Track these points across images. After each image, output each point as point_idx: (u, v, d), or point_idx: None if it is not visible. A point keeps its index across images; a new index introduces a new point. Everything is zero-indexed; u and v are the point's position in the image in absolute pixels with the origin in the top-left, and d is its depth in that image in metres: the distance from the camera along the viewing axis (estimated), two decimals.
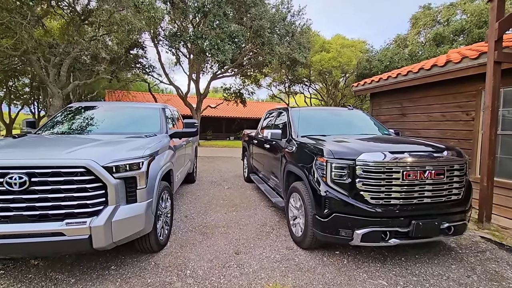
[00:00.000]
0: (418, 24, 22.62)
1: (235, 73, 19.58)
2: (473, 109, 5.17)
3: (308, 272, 2.80)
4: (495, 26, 3.83)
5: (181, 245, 3.31)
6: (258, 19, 13.79)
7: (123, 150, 2.63)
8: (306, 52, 17.07)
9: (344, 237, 2.75)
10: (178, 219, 4.22)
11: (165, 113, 4.41)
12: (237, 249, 3.25)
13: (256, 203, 5.22)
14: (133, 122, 4.12)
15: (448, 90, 5.62)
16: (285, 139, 4.12)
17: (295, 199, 3.48)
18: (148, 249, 2.93)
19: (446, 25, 19.83)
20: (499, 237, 3.76)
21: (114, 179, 2.34)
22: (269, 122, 5.61)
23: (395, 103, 7.10)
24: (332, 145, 3.02)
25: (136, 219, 2.46)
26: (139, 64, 17.69)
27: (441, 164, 2.80)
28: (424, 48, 19.25)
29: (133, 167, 2.51)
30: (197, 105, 18.58)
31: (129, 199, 2.47)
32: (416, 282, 2.66)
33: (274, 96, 29.04)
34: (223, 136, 27.82)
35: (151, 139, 3.29)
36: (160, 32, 15.94)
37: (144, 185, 2.58)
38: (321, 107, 6.02)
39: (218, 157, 12.43)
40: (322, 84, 25.78)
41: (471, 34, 16.76)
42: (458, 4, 20.23)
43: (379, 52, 20.28)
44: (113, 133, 3.54)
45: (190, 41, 13.60)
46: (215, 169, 9.20)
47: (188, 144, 5.66)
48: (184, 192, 5.85)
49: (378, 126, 4.66)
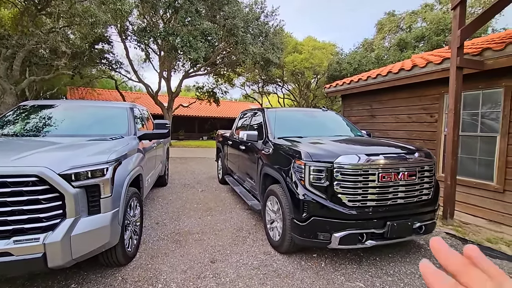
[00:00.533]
0: (383, 29, 23.86)
1: (208, 71, 19.18)
2: (437, 112, 5.47)
3: (287, 278, 2.73)
4: (457, 33, 4.06)
5: (151, 256, 3.09)
6: (232, 18, 13.60)
7: (84, 155, 2.37)
8: (279, 53, 17.19)
9: (322, 241, 2.72)
10: (149, 226, 3.96)
11: (133, 113, 4.11)
12: (212, 257, 3.10)
13: (232, 206, 5.09)
14: (97, 123, 3.77)
15: (414, 93, 5.91)
16: (261, 141, 4.04)
17: (272, 203, 3.40)
18: (115, 262, 2.68)
19: (409, 32, 21.12)
20: (461, 233, 3.99)
21: (73, 188, 2.08)
22: (244, 123, 5.50)
23: (365, 105, 7.35)
24: (310, 148, 2.98)
25: (100, 231, 2.22)
26: (105, 60, 16.63)
27: (413, 166, 2.88)
28: (389, 53, 20.31)
29: (96, 174, 2.26)
30: (169, 104, 17.92)
31: (92, 210, 2.22)
32: (392, 283, 2.70)
33: (247, 95, 28.97)
34: (196, 136, 27.18)
35: (117, 142, 3.02)
36: (128, 27, 15.12)
37: (109, 193, 2.34)
38: (296, 108, 6.03)
39: (191, 158, 12.07)
40: (295, 84, 26.20)
41: (431, 41, 18.01)
42: (419, 12, 21.65)
43: (348, 55, 21.05)
44: (74, 136, 3.21)
45: (160, 38, 13.05)
46: (188, 170, 8.89)
47: (159, 146, 5.37)
48: (155, 196, 5.54)
49: (351, 127, 4.75)
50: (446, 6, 20.95)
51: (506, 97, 4.26)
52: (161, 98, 19.11)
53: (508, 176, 4.25)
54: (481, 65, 4.21)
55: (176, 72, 18.82)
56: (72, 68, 14.06)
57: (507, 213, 4.28)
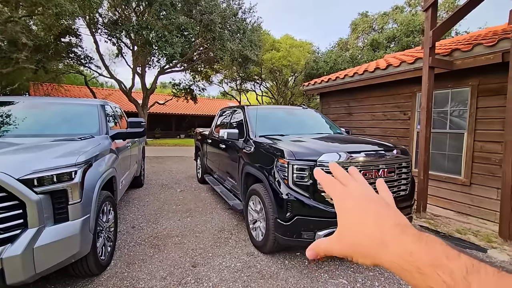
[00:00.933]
0: (357, 29, 24.60)
1: (184, 68, 18.69)
2: (409, 109, 5.70)
3: (271, 279, 2.69)
4: (429, 34, 4.22)
5: (128, 263, 2.90)
6: (209, 13, 13.31)
7: (49, 157, 2.15)
8: (257, 50, 17.13)
9: (306, 240, 2.70)
10: (124, 231, 3.74)
11: (104, 111, 3.84)
12: (194, 261, 2.98)
13: (212, 206, 4.96)
14: (64, 121, 3.48)
15: (388, 91, 6.11)
16: (242, 139, 3.95)
17: (255, 202, 3.34)
18: (86, 273, 2.47)
19: (381, 32, 21.95)
20: (434, 225, 4.19)
21: (36, 195, 1.88)
22: (224, 121, 5.38)
23: (342, 103, 7.50)
24: (293, 146, 2.94)
25: (69, 241, 2.02)
26: (73, 54, 15.61)
27: (392, 162, 2.95)
28: (363, 52, 21.01)
29: (63, 177, 2.05)
30: (143, 101, 17.23)
31: (58, 218, 2.02)
32: (373, 277, 2.75)
33: (225, 93, 28.66)
34: (173, 134, 26.45)
35: (87, 142, 2.79)
36: (98, 19, 14.28)
37: (78, 198, 2.14)
38: (277, 106, 6.00)
39: (168, 157, 11.70)
40: (273, 82, 26.33)
41: (401, 42, 18.84)
42: (390, 14, 22.55)
43: (325, 54, 21.48)
44: (37, 136, 2.92)
45: (133, 31, 12.48)
46: (165, 170, 8.59)
47: (134, 145, 5.10)
48: (130, 199, 5.27)
49: (330, 125, 4.80)
50: (414, 9, 22.02)
51: (472, 96, 4.51)
52: (135, 95, 18.36)
53: (474, 170, 4.51)
54: (451, 65, 4.42)
55: (151, 68, 18.13)
56: (35, 61, 13.02)
57: (474, 205, 4.55)
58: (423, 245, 0.31)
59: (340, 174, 0.46)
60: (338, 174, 0.47)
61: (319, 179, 0.47)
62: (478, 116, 4.42)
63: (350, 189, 0.43)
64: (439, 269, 0.28)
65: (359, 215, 0.38)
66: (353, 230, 0.38)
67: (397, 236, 0.34)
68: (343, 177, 0.46)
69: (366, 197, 0.41)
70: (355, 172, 0.48)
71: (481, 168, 4.42)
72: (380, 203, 0.40)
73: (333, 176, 0.47)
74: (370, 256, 0.35)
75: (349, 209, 0.40)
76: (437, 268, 0.28)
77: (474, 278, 0.26)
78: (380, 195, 0.43)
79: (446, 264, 0.28)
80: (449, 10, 18.39)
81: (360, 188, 0.43)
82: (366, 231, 0.36)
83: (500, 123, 4.13)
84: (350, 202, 0.41)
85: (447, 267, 0.28)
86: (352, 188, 0.43)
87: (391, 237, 0.34)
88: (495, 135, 4.21)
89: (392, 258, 0.33)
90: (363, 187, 0.44)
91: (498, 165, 4.18)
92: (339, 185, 0.44)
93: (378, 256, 0.34)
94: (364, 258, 0.36)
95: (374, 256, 0.35)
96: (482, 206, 4.42)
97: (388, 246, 0.34)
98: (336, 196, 0.43)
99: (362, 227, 0.37)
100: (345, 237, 0.39)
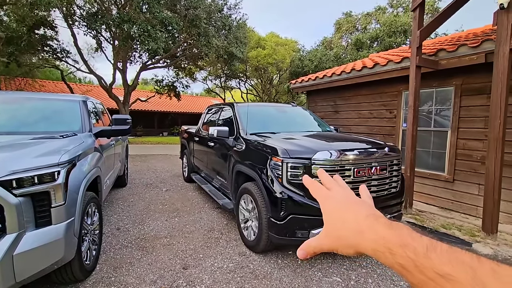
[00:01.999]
0: (341, 29, 24.95)
1: (167, 64, 18.21)
2: (395, 108, 5.83)
3: (265, 279, 2.64)
4: (417, 34, 4.31)
5: (114, 267, 2.76)
6: (193, 8, 13.01)
7: (29, 157, 1.98)
8: (243, 47, 16.98)
9: (300, 238, 2.68)
10: (109, 233, 3.57)
11: (86, 107, 3.63)
12: (184, 263, 2.88)
13: (200, 205, 4.85)
14: (43, 118, 3.25)
15: (375, 90, 6.22)
16: (232, 137, 3.87)
17: (247, 201, 3.28)
18: (70, 279, 2.32)
19: (364, 32, 22.40)
20: (420, 221, 4.31)
21: (15, 198, 1.72)
22: (211, 118, 5.26)
23: (329, 101, 7.57)
24: (286, 144, 2.90)
25: (52, 246, 1.87)
26: (48, 47, 14.79)
27: (384, 160, 2.98)
28: (347, 51, 21.35)
29: (45, 178, 1.90)
30: (125, 98, 16.67)
31: (40, 222, 1.86)
32: (366, 274, 2.78)
33: (210, 90, 28.28)
34: (155, 132, 25.81)
35: (69, 140, 2.62)
36: (76, 11, 13.60)
37: (62, 200, 1.99)
38: (266, 103, 5.95)
39: (152, 155, 11.38)
40: (258, 80, 26.26)
41: (384, 42, 19.31)
42: (373, 14, 23.05)
43: (309, 52, 21.63)
44: (13, 133, 2.71)
45: (114, 25, 11.98)
46: (149, 169, 8.34)
47: (118, 143, 4.89)
48: (114, 199, 5.05)
49: (319, 122, 4.81)
50: (396, 10, 22.63)
51: (456, 95, 4.66)
52: (116, 91, 17.72)
53: (457, 167, 4.68)
54: (436, 64, 4.54)
55: (133, 63, 17.54)
56: (6, 54, 12.23)
57: (456, 201, 4.72)
58: (393, 231, 0.37)
59: (326, 179, 0.54)
60: (324, 179, 0.54)
61: (306, 184, 0.54)
62: (461, 114, 4.58)
63: (334, 192, 0.50)
64: (406, 248, 0.34)
65: (340, 212, 0.45)
66: (337, 225, 0.44)
67: (371, 225, 0.40)
68: (329, 182, 0.53)
69: (347, 198, 0.48)
70: (339, 179, 0.55)
71: (464, 164, 4.59)
72: (358, 203, 0.47)
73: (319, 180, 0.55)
74: (352, 246, 0.41)
75: (332, 208, 0.47)
76: (404, 247, 0.35)
77: (432, 253, 0.33)
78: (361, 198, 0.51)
79: (411, 243, 0.35)
80: (429, 12, 19.02)
81: (342, 191, 0.50)
82: (347, 225, 0.43)
83: (482, 121, 4.30)
84: (333, 203, 0.48)
85: (412, 246, 0.34)
86: (335, 192, 0.50)
87: (366, 227, 0.40)
88: (477, 133, 4.38)
89: (368, 243, 0.39)
90: (345, 190, 0.51)
91: (479, 161, 4.35)
92: (323, 189, 0.51)
93: (358, 244, 0.40)
94: (348, 248, 0.42)
95: (355, 245, 0.41)
96: (464, 202, 4.60)
97: (364, 233, 0.40)
98: (321, 198, 0.50)
99: (343, 223, 0.44)
100: (331, 232, 0.45)
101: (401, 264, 0.34)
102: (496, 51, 3.44)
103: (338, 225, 0.44)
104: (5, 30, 10.85)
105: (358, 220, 0.42)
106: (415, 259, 0.33)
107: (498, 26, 3.41)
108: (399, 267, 0.35)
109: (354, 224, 0.42)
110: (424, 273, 0.32)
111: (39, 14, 11.32)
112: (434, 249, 0.33)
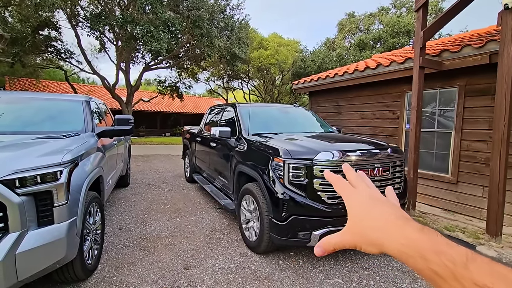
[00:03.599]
0: (344, 30, 24.91)
1: (170, 65, 18.27)
2: (398, 109, 5.79)
3: (267, 280, 2.63)
4: (420, 34, 4.28)
5: (116, 266, 2.77)
6: (196, 9, 13.05)
7: (32, 156, 1.99)
8: (245, 48, 17.01)
9: (302, 240, 2.67)
10: (111, 233, 3.58)
11: (90, 107, 3.64)
12: (186, 263, 2.88)
13: (202, 205, 4.85)
14: (46, 118, 3.27)
15: (378, 91, 6.19)
16: (234, 138, 3.87)
17: (248, 202, 3.27)
18: (72, 278, 2.33)
19: (367, 33, 22.34)
20: (423, 223, 4.27)
21: (18, 197, 1.73)
22: (213, 119, 5.27)
23: (332, 102, 7.54)
24: (288, 145, 2.90)
25: (54, 246, 1.88)
26: (52, 48, 14.91)
27: (387, 161, 2.96)
28: (350, 52, 21.30)
29: (47, 178, 1.91)
30: (128, 98, 16.74)
31: (43, 221, 1.87)
32: (368, 276, 2.76)
33: (212, 91, 28.35)
34: (158, 132, 25.89)
35: (72, 140, 2.63)
36: (80, 12, 13.71)
37: (64, 200, 2.00)
38: (268, 104, 5.94)
39: (154, 156, 11.41)
40: (260, 80, 26.27)
41: (387, 43, 19.24)
42: (376, 15, 22.98)
43: (312, 53, 21.62)
44: (17, 133, 2.73)
45: (118, 26, 12.05)
46: (151, 169, 8.36)
47: (120, 143, 4.91)
48: (116, 199, 5.07)
49: (321, 123, 4.79)
50: (400, 11, 22.55)
51: (460, 96, 4.63)
52: (119, 91, 17.82)
53: (461, 168, 4.64)
54: (440, 65, 4.51)
55: (136, 64, 17.63)
56: (11, 55, 12.34)
57: (460, 203, 4.68)
58: (425, 235, 0.36)
59: (353, 176, 0.52)
60: (351, 175, 0.52)
61: (330, 179, 0.52)
62: (465, 115, 4.54)
63: (360, 189, 0.48)
64: (442, 255, 0.33)
65: (367, 209, 0.44)
66: (362, 222, 0.43)
67: (401, 227, 0.39)
68: (355, 179, 0.51)
69: (374, 195, 0.47)
70: (365, 177, 0.53)
71: (468, 166, 4.54)
72: (386, 203, 0.45)
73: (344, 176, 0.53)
74: (376, 244, 0.40)
75: (359, 204, 0.45)
76: (440, 254, 0.33)
77: (471, 263, 0.31)
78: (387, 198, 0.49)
79: (448, 251, 0.33)
80: (433, 12, 18.93)
81: (369, 189, 0.48)
82: (373, 223, 0.41)
83: (486, 122, 4.26)
84: (360, 199, 0.46)
85: (449, 254, 0.33)
86: (362, 189, 0.48)
87: (395, 227, 0.39)
88: (481, 134, 4.34)
89: (396, 246, 0.37)
90: (372, 189, 0.49)
91: (483, 163, 4.31)
92: (349, 185, 0.50)
93: (382, 244, 0.39)
94: (371, 246, 0.41)
95: (379, 244, 0.39)
96: (468, 204, 4.56)
97: (392, 234, 0.38)
98: (346, 194, 0.48)
99: (369, 219, 0.42)
100: (355, 229, 0.44)
101: (435, 271, 0.33)
102: (501, 52, 3.41)
103: (364, 222, 0.43)
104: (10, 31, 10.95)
105: (387, 219, 0.41)
106: (453, 268, 0.32)
107: (503, 26, 3.38)
108: (431, 273, 0.34)
109: (382, 222, 0.41)
110: (462, 282, 0.31)
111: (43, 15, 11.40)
112: (474, 260, 0.32)
